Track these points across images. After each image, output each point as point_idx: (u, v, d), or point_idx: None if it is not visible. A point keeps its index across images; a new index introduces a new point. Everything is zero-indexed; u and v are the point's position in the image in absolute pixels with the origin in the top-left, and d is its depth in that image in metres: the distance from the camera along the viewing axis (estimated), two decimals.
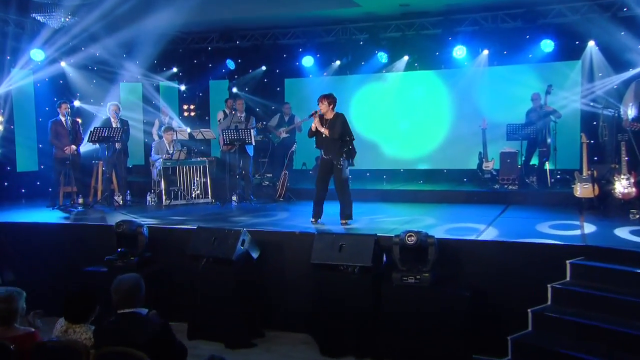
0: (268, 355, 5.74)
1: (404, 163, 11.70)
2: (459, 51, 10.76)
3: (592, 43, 9.99)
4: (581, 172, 7.62)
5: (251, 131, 9.06)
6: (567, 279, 5.28)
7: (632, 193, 7.17)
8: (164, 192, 9.21)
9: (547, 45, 10.17)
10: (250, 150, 9.27)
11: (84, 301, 3.76)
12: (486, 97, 10.92)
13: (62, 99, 9.29)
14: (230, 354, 5.68)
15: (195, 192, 9.38)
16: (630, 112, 8.07)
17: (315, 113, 6.95)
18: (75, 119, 9.39)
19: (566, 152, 9.64)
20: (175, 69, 12.61)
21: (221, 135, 9.20)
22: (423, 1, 10.14)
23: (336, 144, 6.79)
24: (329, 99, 6.89)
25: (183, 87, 12.83)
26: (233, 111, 9.65)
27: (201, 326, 6.05)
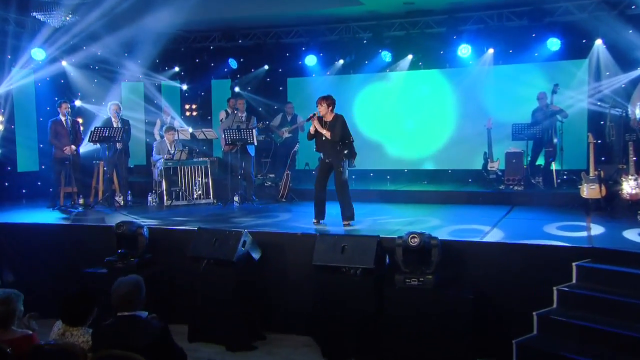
0: (269, 358, 5.70)
1: (408, 163, 11.66)
2: (464, 50, 10.71)
3: (599, 41, 9.90)
4: (588, 173, 7.57)
5: (253, 131, 9.02)
6: (573, 281, 5.22)
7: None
8: (165, 192, 9.18)
9: (553, 43, 10.11)
10: (251, 150, 9.24)
11: (81, 304, 3.75)
12: (491, 97, 10.88)
13: (62, 99, 9.28)
14: (231, 357, 5.69)
15: (197, 193, 9.36)
16: (638, 111, 8.02)
17: (313, 115, 6.93)
18: (76, 119, 9.39)
19: (573, 152, 9.59)
20: (177, 68, 12.58)
21: (223, 136, 9.13)
22: None
23: (336, 147, 6.76)
24: (328, 100, 6.84)
25: (185, 87, 12.80)
26: (235, 111, 9.61)
27: (202, 328, 6.03)
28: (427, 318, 5.20)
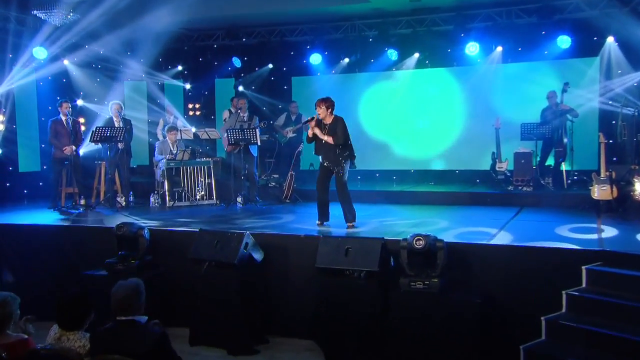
0: None
1: (415, 163, 11.60)
2: (472, 48, 10.62)
3: (610, 39, 9.80)
4: (599, 173, 7.49)
5: (256, 131, 8.95)
6: (583, 285, 5.12)
7: None
8: (167, 193, 9.13)
9: (563, 41, 10.01)
10: (254, 150, 9.15)
11: (78, 307, 3.72)
12: (500, 96, 10.82)
13: (63, 98, 9.24)
14: None
15: (200, 194, 9.31)
16: None
17: (311, 119, 6.88)
18: (77, 119, 9.33)
19: (583, 152, 9.51)
20: (180, 67, 12.51)
21: (225, 136, 9.06)
22: None
23: (335, 150, 6.70)
24: (327, 102, 6.77)
25: (188, 86, 12.74)
26: (238, 110, 9.56)
27: (203, 332, 6.00)
28: (433, 322, 5.14)
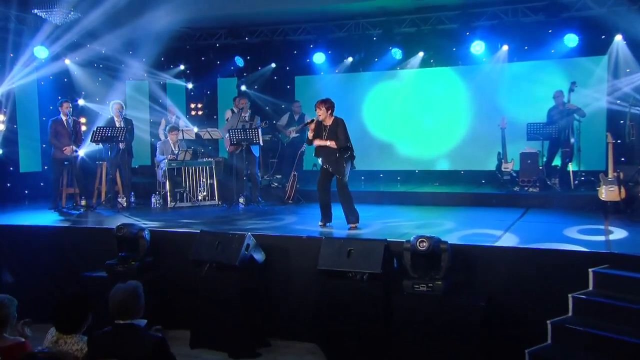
0: None
1: (419, 164, 11.55)
2: (477, 47, 10.55)
3: (619, 37, 9.72)
4: (607, 174, 7.46)
5: (258, 131, 8.87)
6: (589, 288, 5.08)
7: None
8: (169, 194, 9.09)
9: (570, 39, 9.93)
10: (255, 150, 9.09)
11: (75, 310, 3.66)
12: (506, 95, 10.78)
13: (64, 98, 9.21)
14: None
15: (202, 194, 9.25)
16: None
17: (311, 122, 6.86)
18: (78, 119, 9.28)
19: (591, 152, 9.46)
20: (182, 67, 12.46)
21: (227, 136, 9.01)
22: None
23: (335, 153, 6.66)
24: (327, 104, 6.74)
25: (190, 85, 12.67)
26: (240, 110, 9.45)
27: (204, 334, 5.98)
28: (436, 325, 5.09)
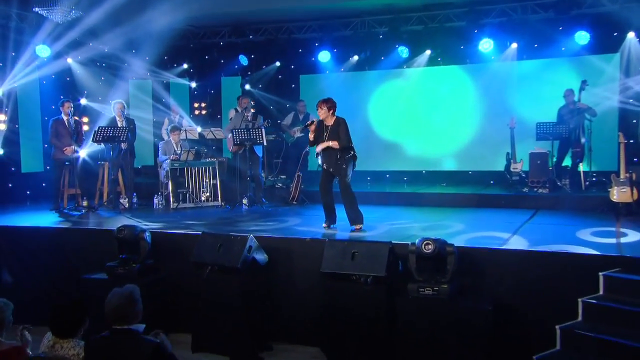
0: None
1: (427, 164, 11.46)
2: (486, 44, 10.45)
3: (631, 34, 9.61)
4: (618, 175, 7.37)
5: (262, 130, 8.77)
6: (600, 292, 4.97)
7: None
8: (171, 194, 8.99)
9: (581, 37, 9.81)
10: (258, 150, 9.01)
11: (72, 315, 3.66)
12: (514, 94, 10.70)
13: (66, 97, 9.16)
14: None
15: (205, 195, 9.16)
16: None
17: (311, 123, 6.82)
18: (79, 119, 9.23)
19: (602, 152, 9.27)
20: (185, 65, 12.42)
21: (230, 136, 8.91)
22: None
23: (336, 154, 6.60)
24: (328, 104, 6.66)
25: (194, 84, 12.63)
26: (244, 110, 9.40)
27: (206, 338, 5.94)
28: (442, 330, 5.01)
